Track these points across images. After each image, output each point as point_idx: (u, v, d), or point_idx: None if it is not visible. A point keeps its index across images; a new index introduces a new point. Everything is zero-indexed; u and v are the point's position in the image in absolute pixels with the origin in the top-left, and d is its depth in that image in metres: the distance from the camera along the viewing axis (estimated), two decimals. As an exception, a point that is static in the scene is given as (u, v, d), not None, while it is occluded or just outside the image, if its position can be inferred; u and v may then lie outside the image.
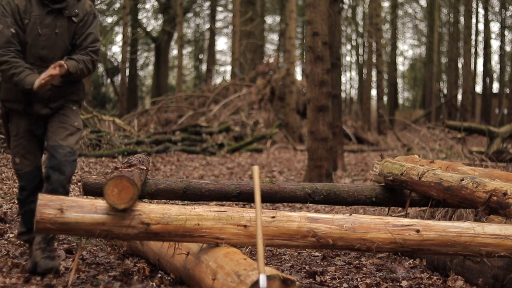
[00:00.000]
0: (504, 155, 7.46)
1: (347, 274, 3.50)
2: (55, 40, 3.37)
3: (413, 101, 45.71)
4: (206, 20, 34.36)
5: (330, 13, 8.63)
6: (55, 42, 3.37)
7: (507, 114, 22.87)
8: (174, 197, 3.87)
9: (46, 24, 3.34)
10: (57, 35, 3.37)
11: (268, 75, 18.49)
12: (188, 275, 2.91)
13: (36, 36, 3.33)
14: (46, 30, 3.34)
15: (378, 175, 4.31)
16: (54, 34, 3.36)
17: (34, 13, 3.32)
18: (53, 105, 3.42)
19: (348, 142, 16.94)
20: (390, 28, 33.00)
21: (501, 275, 3.07)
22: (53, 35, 3.36)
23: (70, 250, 3.75)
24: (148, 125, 15.65)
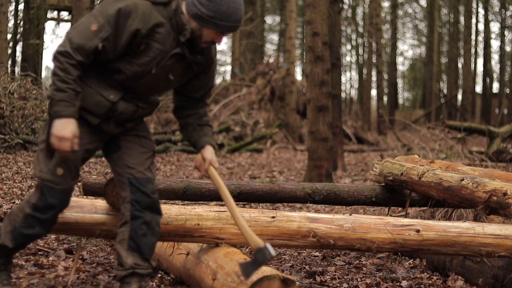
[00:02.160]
0: (504, 155, 7.47)
1: (347, 274, 3.50)
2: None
3: (413, 101, 45.72)
4: (206, 20, 34.32)
5: (330, 13, 8.63)
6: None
7: (507, 114, 22.88)
8: (174, 197, 3.87)
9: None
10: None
11: (268, 75, 18.49)
12: (188, 275, 2.91)
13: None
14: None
15: (378, 175, 4.31)
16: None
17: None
18: (130, 124, 2.69)
19: (348, 142, 16.94)
20: (390, 28, 33.01)
21: (501, 275, 3.07)
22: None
23: (70, 250, 3.75)
24: (148, 125, 15.66)
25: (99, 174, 3.81)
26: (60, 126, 2.38)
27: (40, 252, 3.71)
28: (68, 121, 2.39)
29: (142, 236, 2.61)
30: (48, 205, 2.53)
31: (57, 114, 2.39)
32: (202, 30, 2.52)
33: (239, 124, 15.42)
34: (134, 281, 2.63)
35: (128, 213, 2.62)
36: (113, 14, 2.42)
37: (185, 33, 2.52)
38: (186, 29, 2.51)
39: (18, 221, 2.57)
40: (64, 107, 2.39)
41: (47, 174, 2.52)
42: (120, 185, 2.66)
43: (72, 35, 2.42)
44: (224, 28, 2.51)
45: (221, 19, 2.48)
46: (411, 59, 45.03)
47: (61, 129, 2.38)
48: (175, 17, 2.52)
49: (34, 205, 2.55)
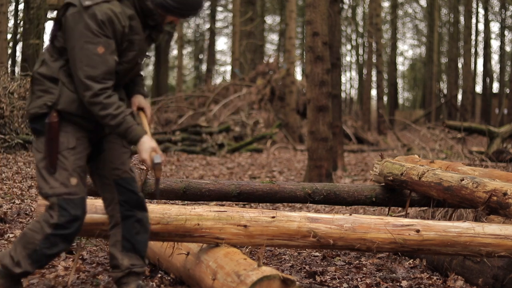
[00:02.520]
0: (504, 155, 7.46)
1: (347, 274, 3.50)
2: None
3: (413, 101, 45.72)
4: (206, 20, 34.36)
5: (330, 13, 8.63)
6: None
7: (507, 114, 22.88)
8: (174, 197, 3.88)
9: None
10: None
11: (268, 75, 18.49)
12: (188, 275, 2.91)
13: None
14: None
15: (378, 175, 4.31)
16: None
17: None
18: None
19: (348, 142, 16.94)
20: (390, 28, 33.01)
21: (501, 275, 3.07)
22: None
23: (70, 250, 3.75)
24: (148, 125, 15.65)
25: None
26: (143, 148, 2.46)
27: (40, 252, 3.71)
28: (143, 139, 2.48)
29: (136, 234, 2.64)
30: (73, 218, 2.49)
31: (133, 141, 2.49)
32: (166, 16, 2.60)
33: (239, 124, 15.42)
34: (131, 280, 2.64)
35: (118, 214, 2.63)
36: (103, 27, 2.42)
37: (154, 17, 2.59)
38: (154, 14, 2.57)
39: (37, 243, 2.48)
40: (133, 133, 2.47)
41: (61, 188, 2.48)
42: (104, 187, 2.67)
43: (88, 72, 2.41)
44: (187, 15, 2.61)
45: (186, 9, 2.57)
46: (411, 59, 45.06)
47: (145, 150, 2.46)
48: (139, 4, 2.56)
49: (56, 224, 2.47)
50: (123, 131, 2.45)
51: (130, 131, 2.46)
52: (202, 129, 13.90)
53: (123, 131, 2.45)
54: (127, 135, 2.46)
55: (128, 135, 2.46)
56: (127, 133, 2.45)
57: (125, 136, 2.47)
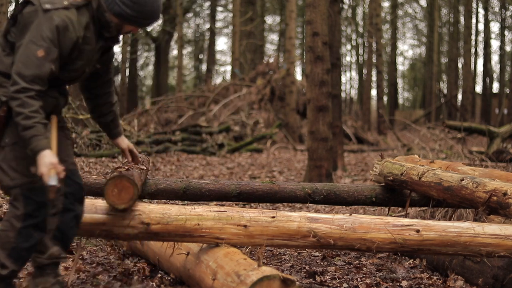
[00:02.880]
0: (504, 155, 7.46)
1: (347, 274, 3.50)
2: None
3: (413, 101, 45.72)
4: (206, 20, 34.38)
5: (330, 13, 8.63)
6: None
7: (507, 114, 22.88)
8: (174, 197, 3.87)
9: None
10: None
11: (268, 75, 18.49)
12: (188, 275, 2.92)
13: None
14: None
15: (378, 175, 4.31)
16: None
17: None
18: (59, 117, 2.72)
19: (348, 142, 16.94)
20: (390, 28, 33.01)
21: (501, 275, 3.07)
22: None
23: (70, 250, 3.75)
24: (148, 125, 15.65)
25: (99, 174, 3.81)
26: (42, 162, 2.36)
27: (40, 252, 3.71)
28: (44, 153, 2.36)
29: (70, 229, 2.68)
30: (39, 205, 2.50)
31: (34, 151, 2.38)
32: (123, 25, 2.63)
33: (239, 124, 15.42)
34: (53, 270, 2.71)
35: (61, 205, 2.64)
36: (54, 33, 2.43)
37: (110, 30, 2.62)
38: (111, 27, 2.61)
39: (12, 241, 2.48)
40: (36, 142, 2.37)
41: (22, 179, 2.48)
42: None
43: (20, 69, 2.39)
44: (145, 25, 2.66)
45: (144, 18, 2.60)
46: (411, 59, 45.07)
47: (42, 163, 2.36)
48: (97, 15, 2.59)
49: (23, 215, 2.48)
50: (29, 137, 2.37)
51: (35, 139, 2.37)
52: (202, 129, 13.90)
53: (29, 136, 2.37)
54: (31, 142, 2.37)
55: (32, 143, 2.37)
56: (32, 140, 2.37)
57: (29, 142, 2.37)
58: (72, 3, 2.51)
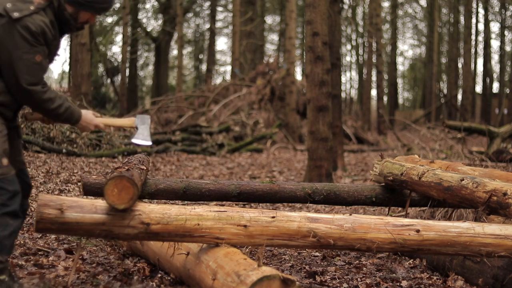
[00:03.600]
0: (504, 155, 7.46)
1: (347, 274, 3.50)
2: None
3: (413, 101, 45.72)
4: (206, 20, 34.38)
5: (330, 13, 8.63)
6: None
7: (507, 114, 22.90)
8: (174, 197, 3.87)
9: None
10: None
11: (268, 75, 18.50)
12: (188, 275, 2.91)
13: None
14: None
15: (378, 175, 4.31)
16: None
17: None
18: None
19: (348, 142, 16.94)
20: (390, 28, 33.01)
21: (501, 275, 3.07)
22: None
23: (70, 250, 3.75)
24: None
25: (99, 174, 3.81)
26: (84, 121, 2.90)
27: (40, 252, 3.71)
28: (85, 114, 2.90)
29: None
30: (12, 193, 2.67)
31: (78, 119, 2.88)
32: (79, 13, 2.80)
33: (239, 124, 15.42)
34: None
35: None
36: (37, 38, 2.61)
37: (70, 26, 2.81)
38: (71, 24, 2.80)
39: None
40: (76, 112, 2.87)
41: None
42: None
43: (29, 80, 2.63)
44: (100, 10, 2.83)
45: (98, 2, 2.79)
46: (411, 59, 45.08)
47: (86, 125, 2.92)
48: (58, 12, 2.75)
49: (7, 200, 2.65)
50: (68, 115, 2.81)
51: (74, 112, 2.83)
52: (202, 129, 13.90)
53: (70, 113, 2.81)
54: (72, 118, 2.83)
55: (73, 115, 2.83)
56: (71, 116, 2.83)
57: (69, 119, 2.84)
58: (38, 7, 2.64)
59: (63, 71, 36.03)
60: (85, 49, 14.14)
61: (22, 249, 3.73)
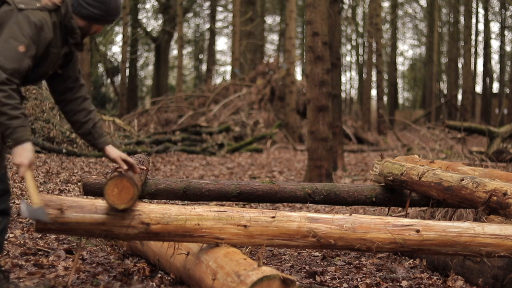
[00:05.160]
0: (504, 155, 7.46)
1: (347, 274, 3.50)
2: None
3: (413, 101, 45.71)
4: (206, 20, 34.38)
5: (330, 13, 8.63)
6: None
7: (507, 114, 22.89)
8: (174, 197, 3.87)
9: None
10: None
11: (268, 75, 18.49)
12: (188, 275, 2.91)
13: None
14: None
15: (378, 175, 4.31)
16: None
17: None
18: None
19: (348, 142, 16.94)
20: (390, 28, 33.01)
21: (501, 275, 3.07)
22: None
23: (70, 250, 3.75)
24: (148, 125, 15.66)
25: (99, 174, 3.81)
26: (23, 151, 2.50)
27: (40, 252, 3.71)
28: (27, 145, 2.51)
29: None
30: (1, 192, 2.71)
31: (18, 140, 2.49)
32: (91, 26, 2.78)
33: (239, 124, 15.42)
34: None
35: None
36: (33, 31, 2.55)
37: (75, 35, 2.76)
38: (76, 33, 2.75)
39: None
40: (22, 132, 2.49)
41: None
42: None
43: (2, 62, 2.45)
44: (111, 21, 2.81)
45: (110, 15, 2.77)
46: (411, 59, 45.07)
47: (24, 154, 2.51)
48: (64, 21, 2.71)
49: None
50: (16, 126, 2.46)
51: (21, 129, 2.47)
52: (202, 129, 13.90)
53: (16, 125, 2.46)
54: (17, 132, 2.47)
55: (18, 132, 2.47)
56: (18, 130, 2.47)
57: (14, 132, 2.47)
58: (45, 6, 2.63)
59: (63, 71, 35.91)
60: (85, 49, 14.12)
61: (22, 249, 3.73)
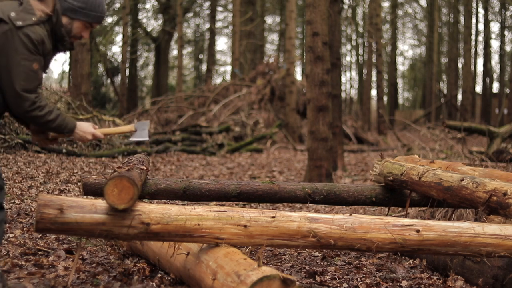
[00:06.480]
0: (504, 155, 7.45)
1: (347, 274, 3.50)
2: None
3: (413, 101, 45.72)
4: (206, 20, 34.38)
5: (330, 13, 8.63)
6: None
7: (507, 114, 22.90)
8: (174, 197, 3.87)
9: None
10: None
11: (268, 75, 18.49)
12: (188, 275, 2.91)
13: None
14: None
15: (378, 175, 4.31)
16: None
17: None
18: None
19: (348, 142, 16.94)
20: (390, 28, 33.01)
21: (501, 275, 3.07)
22: None
23: (70, 250, 3.75)
24: (149, 125, 15.65)
25: (99, 174, 3.81)
26: (81, 132, 2.96)
27: (40, 252, 3.72)
28: (78, 125, 2.94)
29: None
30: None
31: (72, 128, 2.93)
32: (73, 24, 2.88)
33: (239, 124, 15.41)
34: None
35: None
36: (37, 46, 2.71)
37: (65, 42, 2.89)
38: (66, 41, 2.89)
39: None
40: (69, 121, 2.90)
41: None
42: None
43: (24, 86, 2.69)
44: (93, 18, 2.90)
45: (91, 9, 2.88)
46: (411, 59, 45.07)
47: (85, 132, 2.96)
48: (55, 28, 2.84)
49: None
50: (61, 122, 2.83)
51: (66, 121, 2.87)
52: (202, 129, 13.90)
53: (61, 121, 2.83)
54: (66, 124, 2.86)
55: (66, 124, 2.87)
56: (65, 123, 2.86)
57: (64, 126, 2.86)
58: (40, 19, 2.74)
59: (63, 71, 36.07)
60: (85, 49, 14.14)
61: (22, 249, 3.73)
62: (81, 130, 2.94)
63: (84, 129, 2.95)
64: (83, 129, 2.94)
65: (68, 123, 2.88)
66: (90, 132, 2.96)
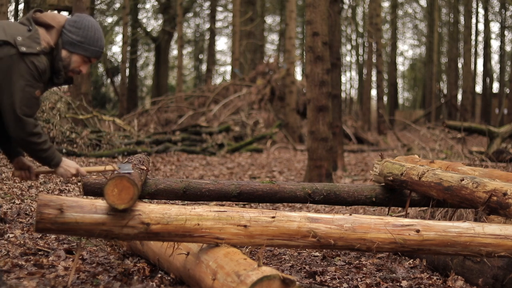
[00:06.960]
0: (504, 155, 7.45)
1: (347, 274, 3.50)
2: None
3: (413, 101, 45.71)
4: (206, 20, 34.36)
5: (330, 13, 8.63)
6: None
7: (507, 114, 22.90)
8: (174, 197, 3.87)
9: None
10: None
11: (268, 75, 18.49)
12: (188, 275, 2.91)
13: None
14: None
15: (378, 175, 4.31)
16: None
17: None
18: None
19: (348, 142, 16.93)
20: (390, 28, 33.00)
21: (501, 275, 3.07)
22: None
23: (70, 250, 3.75)
24: (148, 125, 15.65)
25: (99, 174, 3.81)
26: (66, 167, 2.91)
27: (40, 252, 3.72)
28: (64, 161, 2.92)
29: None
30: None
31: (58, 162, 2.90)
32: (71, 57, 2.90)
33: (239, 124, 15.41)
34: None
35: None
36: (40, 75, 2.75)
37: (59, 77, 2.91)
38: (61, 75, 2.91)
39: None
40: (56, 155, 2.90)
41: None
42: None
43: (25, 111, 2.73)
44: (92, 52, 2.91)
45: (90, 44, 2.89)
46: (411, 59, 45.05)
47: (69, 167, 2.91)
48: (53, 61, 2.87)
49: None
50: (51, 154, 2.84)
51: (55, 155, 2.87)
52: (202, 129, 13.90)
53: (51, 154, 2.84)
54: (54, 158, 2.86)
55: (54, 158, 2.86)
56: (53, 156, 2.86)
57: (52, 158, 2.86)
58: (43, 50, 2.78)
59: (63, 71, 35.89)
60: (85, 49, 14.12)
61: (22, 249, 3.73)
62: (66, 165, 2.91)
63: (69, 164, 2.93)
64: (68, 164, 2.92)
65: (56, 156, 2.88)
66: (74, 167, 2.93)
